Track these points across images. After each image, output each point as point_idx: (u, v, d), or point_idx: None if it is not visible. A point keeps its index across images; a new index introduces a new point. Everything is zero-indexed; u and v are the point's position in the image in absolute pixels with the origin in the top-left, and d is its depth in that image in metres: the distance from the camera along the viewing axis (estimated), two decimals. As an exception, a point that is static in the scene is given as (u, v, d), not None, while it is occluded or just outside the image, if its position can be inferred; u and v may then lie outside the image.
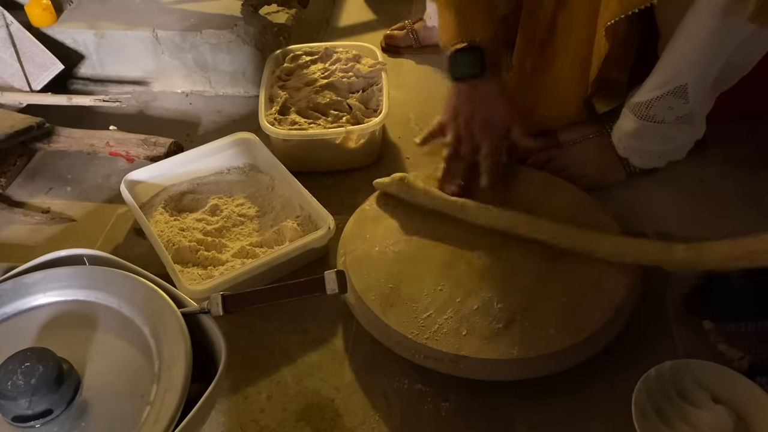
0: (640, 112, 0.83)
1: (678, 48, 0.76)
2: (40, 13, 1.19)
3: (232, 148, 1.00)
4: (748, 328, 0.74)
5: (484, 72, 0.85)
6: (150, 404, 0.57)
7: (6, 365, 0.56)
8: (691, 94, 0.78)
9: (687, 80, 0.77)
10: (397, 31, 1.31)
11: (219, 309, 0.65)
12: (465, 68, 0.86)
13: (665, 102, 0.80)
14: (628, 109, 0.85)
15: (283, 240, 0.87)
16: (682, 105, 0.79)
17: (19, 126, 1.01)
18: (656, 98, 0.80)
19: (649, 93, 0.81)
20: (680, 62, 0.77)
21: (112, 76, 1.27)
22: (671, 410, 0.66)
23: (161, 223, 0.89)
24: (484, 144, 0.88)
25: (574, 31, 0.87)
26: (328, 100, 1.05)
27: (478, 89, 0.87)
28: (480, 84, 0.87)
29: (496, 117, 0.87)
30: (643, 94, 0.82)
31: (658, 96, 0.80)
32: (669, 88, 0.79)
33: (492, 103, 0.87)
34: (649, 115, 0.82)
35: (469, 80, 0.87)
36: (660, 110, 0.81)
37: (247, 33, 1.17)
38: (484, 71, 0.85)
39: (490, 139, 0.88)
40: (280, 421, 0.71)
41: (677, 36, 0.76)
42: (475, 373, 0.70)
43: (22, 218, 0.99)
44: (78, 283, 0.68)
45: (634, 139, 0.87)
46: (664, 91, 0.80)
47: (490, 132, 0.88)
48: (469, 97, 0.88)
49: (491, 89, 0.87)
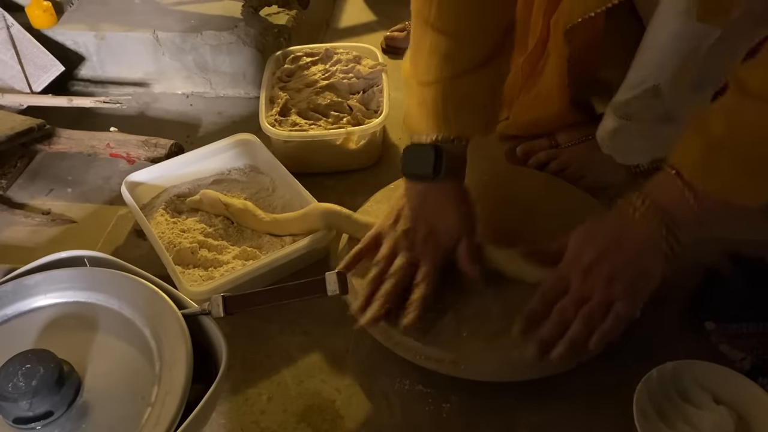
0: (620, 111, 0.81)
1: (648, 48, 0.75)
2: (40, 14, 1.19)
3: (232, 149, 1.00)
4: (750, 328, 0.74)
5: (438, 174, 0.73)
6: (151, 406, 0.57)
7: (7, 367, 0.56)
8: (666, 94, 0.76)
9: (659, 80, 0.75)
10: (398, 33, 1.31)
11: (220, 310, 0.65)
12: (416, 166, 0.75)
13: (641, 101, 0.78)
14: (609, 108, 0.85)
15: (284, 241, 0.87)
16: (658, 104, 0.77)
17: (19, 127, 1.01)
18: (633, 98, 0.78)
19: (627, 92, 0.80)
20: (651, 62, 0.75)
21: (112, 78, 1.27)
22: (673, 411, 0.66)
23: (162, 224, 0.89)
24: (424, 263, 0.73)
25: (557, 43, 0.86)
26: (329, 101, 1.05)
27: (432, 194, 0.75)
28: (435, 188, 0.75)
29: (442, 230, 0.74)
30: (621, 93, 0.81)
31: (634, 96, 0.78)
32: (643, 88, 0.77)
33: (443, 211, 0.75)
34: (627, 113, 0.80)
35: (421, 180, 0.75)
36: (637, 109, 0.79)
37: (247, 34, 1.18)
38: (437, 173, 0.73)
39: (431, 257, 0.74)
40: (281, 422, 0.71)
41: (646, 36, 0.75)
42: (475, 374, 0.70)
43: (22, 220, 0.99)
44: (79, 284, 0.68)
45: (615, 138, 0.86)
46: (639, 91, 0.78)
47: (432, 247, 0.74)
48: (417, 201, 0.75)
49: (445, 194, 0.75)
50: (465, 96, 0.74)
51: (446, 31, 0.71)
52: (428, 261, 0.74)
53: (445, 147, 0.74)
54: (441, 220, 0.75)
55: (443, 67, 0.72)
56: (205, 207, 0.91)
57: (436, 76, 0.73)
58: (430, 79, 0.73)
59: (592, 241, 0.68)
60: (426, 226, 0.75)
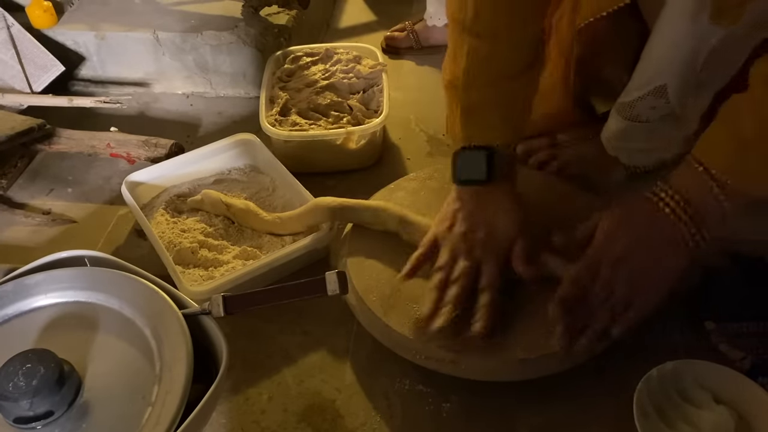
0: (625, 112, 0.82)
1: (654, 48, 0.75)
2: (40, 14, 1.19)
3: (233, 149, 1.00)
4: (750, 328, 0.74)
5: (492, 178, 0.74)
6: (151, 405, 0.57)
7: (7, 367, 0.56)
8: (672, 94, 0.76)
9: (665, 80, 0.75)
10: (398, 32, 1.31)
11: (220, 310, 0.65)
12: (470, 172, 0.75)
13: (647, 102, 0.78)
14: (614, 109, 0.85)
15: (284, 241, 0.87)
16: (664, 105, 0.77)
17: (20, 127, 1.01)
18: (638, 98, 0.79)
19: (632, 93, 0.80)
20: (657, 63, 0.75)
21: (112, 78, 1.27)
22: (673, 411, 0.66)
23: (162, 224, 0.89)
24: (486, 267, 0.73)
25: (564, 33, 0.86)
26: (329, 101, 1.05)
27: (485, 198, 0.75)
28: (487, 191, 0.75)
29: (501, 230, 0.74)
30: (627, 94, 0.81)
31: (639, 96, 0.78)
32: (649, 89, 0.77)
33: (500, 215, 0.75)
34: (633, 115, 0.80)
35: (474, 185, 0.76)
36: (643, 110, 0.79)
37: (247, 34, 1.18)
38: (491, 177, 0.74)
39: (493, 259, 0.73)
40: (281, 422, 0.71)
41: (653, 36, 0.75)
42: (476, 374, 0.70)
43: (23, 220, 0.99)
44: (79, 284, 0.68)
45: (620, 139, 0.86)
46: (644, 92, 0.77)
47: (493, 249, 0.74)
48: (472, 205, 0.75)
49: (501, 198, 0.75)
50: (506, 104, 0.75)
51: (483, 33, 0.72)
52: (491, 263, 0.73)
53: (497, 150, 0.75)
54: (498, 221, 0.75)
55: (483, 72, 0.73)
56: (206, 207, 0.91)
57: (477, 82, 0.74)
58: (470, 84, 0.74)
59: (623, 230, 0.68)
60: (484, 227, 0.74)
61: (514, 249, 0.74)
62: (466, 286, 0.72)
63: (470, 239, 0.74)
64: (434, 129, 1.11)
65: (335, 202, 0.84)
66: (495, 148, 0.75)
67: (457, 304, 0.71)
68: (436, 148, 1.08)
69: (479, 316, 0.70)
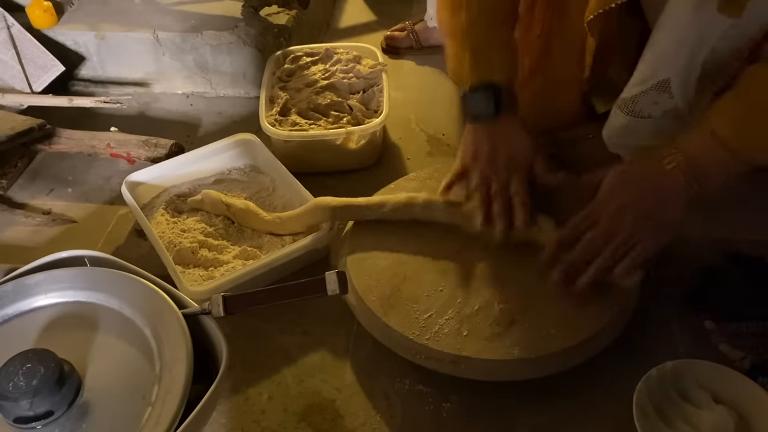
0: (627, 108, 0.82)
1: (657, 42, 0.76)
2: (41, 14, 1.19)
3: (233, 149, 1.00)
4: (750, 328, 0.74)
5: (500, 112, 0.82)
6: (151, 405, 0.57)
7: (7, 366, 0.56)
8: (675, 89, 0.77)
9: (669, 74, 0.76)
10: (398, 32, 1.31)
11: (220, 310, 0.65)
12: (480, 109, 0.82)
13: (650, 97, 0.79)
14: (616, 106, 0.85)
15: (284, 241, 0.87)
16: (667, 99, 0.78)
17: (20, 127, 1.01)
18: (641, 93, 0.80)
19: (634, 88, 0.81)
20: (661, 56, 0.76)
21: (112, 78, 1.27)
22: (672, 410, 0.66)
23: (162, 224, 0.89)
24: (514, 179, 0.81)
25: (567, 31, 0.86)
26: (329, 101, 1.05)
27: (497, 128, 0.83)
28: (498, 123, 0.83)
29: (519, 153, 0.83)
30: (629, 89, 0.82)
31: (642, 91, 0.79)
32: (652, 83, 0.78)
33: (514, 140, 0.83)
34: (635, 110, 0.81)
35: (485, 121, 0.83)
36: (645, 105, 0.80)
37: (247, 34, 1.18)
38: (499, 111, 0.81)
39: (518, 175, 0.82)
40: (281, 421, 0.71)
41: (657, 30, 0.75)
42: (476, 373, 0.70)
43: (23, 220, 0.99)
44: (79, 284, 0.68)
45: (623, 135, 0.86)
46: (647, 86, 0.79)
47: (516, 167, 0.82)
48: (488, 137, 0.83)
49: (510, 127, 0.83)
50: (500, 45, 0.83)
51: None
52: (518, 179, 0.81)
53: (502, 87, 0.81)
54: (514, 144, 0.82)
55: (486, 17, 0.82)
56: (206, 207, 0.91)
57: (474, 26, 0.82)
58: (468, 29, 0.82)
59: (625, 184, 0.73)
60: (505, 152, 0.82)
61: (535, 165, 0.83)
62: (506, 202, 0.80)
63: (495, 163, 0.82)
64: (434, 129, 1.11)
65: (335, 202, 0.84)
66: (500, 85, 0.81)
67: (505, 216, 0.79)
68: (436, 148, 1.08)
69: (519, 213, 0.79)
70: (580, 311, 0.72)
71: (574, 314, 0.72)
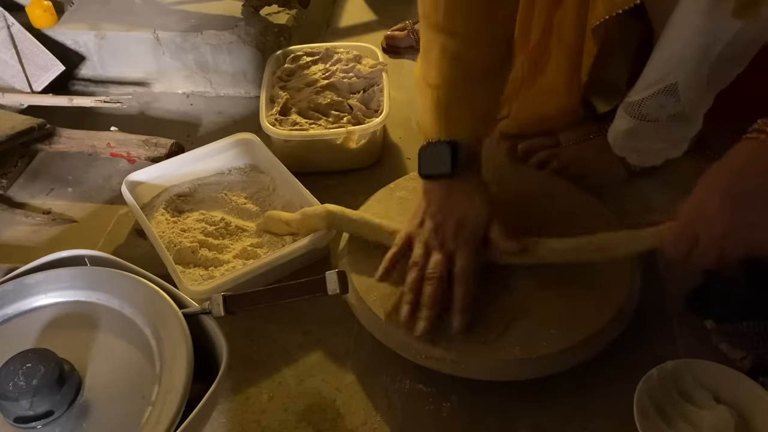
0: (634, 111, 0.82)
1: (666, 46, 0.76)
2: (41, 14, 1.19)
3: (233, 148, 1.00)
4: (750, 327, 0.74)
5: (456, 170, 0.73)
6: (151, 405, 0.57)
7: (7, 366, 0.56)
8: (683, 93, 0.77)
9: (677, 78, 0.76)
10: (398, 32, 1.31)
11: (220, 310, 0.65)
12: (434, 166, 0.75)
13: (657, 101, 0.79)
14: (622, 109, 0.85)
15: (284, 241, 0.87)
16: (674, 103, 0.78)
17: (20, 127, 1.01)
18: (648, 97, 0.80)
19: (641, 92, 0.81)
20: (669, 60, 0.76)
21: (113, 77, 1.27)
22: (673, 410, 0.66)
23: (162, 223, 0.89)
24: (460, 254, 0.73)
25: (566, 32, 0.86)
26: (329, 100, 1.05)
27: (451, 188, 0.75)
28: (452, 184, 0.75)
29: (472, 218, 0.74)
30: (635, 93, 0.82)
31: (649, 95, 0.79)
32: (660, 87, 0.78)
33: (468, 205, 0.75)
34: (642, 114, 0.81)
35: (439, 179, 0.75)
36: (652, 109, 0.80)
37: (247, 34, 1.18)
38: (455, 169, 0.73)
39: (466, 248, 0.73)
40: (282, 421, 0.71)
41: (665, 34, 0.75)
42: (476, 373, 0.70)
43: (23, 219, 0.99)
44: (79, 284, 0.68)
45: (629, 139, 0.87)
46: (654, 90, 0.79)
47: (465, 238, 0.74)
48: (440, 198, 0.75)
49: (465, 189, 0.75)
50: (474, 101, 0.75)
51: (454, 32, 0.72)
52: (464, 251, 0.73)
53: (460, 143, 0.74)
54: (468, 209, 0.74)
55: (453, 69, 0.73)
56: (272, 229, 0.88)
57: (446, 79, 0.74)
58: (440, 82, 0.74)
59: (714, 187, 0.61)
60: (454, 218, 0.74)
61: (491, 231, 0.75)
62: (440, 282, 0.72)
63: (441, 232, 0.74)
64: (434, 128, 1.11)
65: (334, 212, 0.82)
66: (459, 142, 0.74)
67: (434, 305, 0.71)
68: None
69: (457, 313, 0.71)
70: (580, 311, 0.72)
71: (574, 314, 0.72)
